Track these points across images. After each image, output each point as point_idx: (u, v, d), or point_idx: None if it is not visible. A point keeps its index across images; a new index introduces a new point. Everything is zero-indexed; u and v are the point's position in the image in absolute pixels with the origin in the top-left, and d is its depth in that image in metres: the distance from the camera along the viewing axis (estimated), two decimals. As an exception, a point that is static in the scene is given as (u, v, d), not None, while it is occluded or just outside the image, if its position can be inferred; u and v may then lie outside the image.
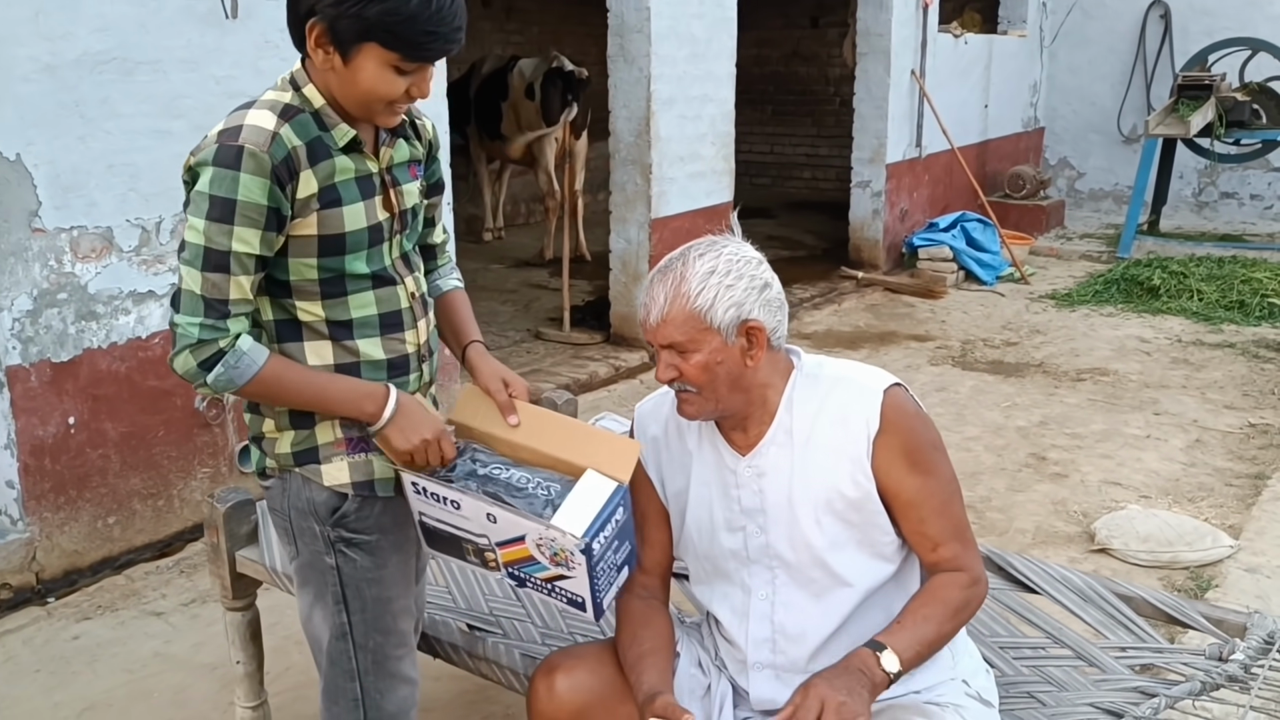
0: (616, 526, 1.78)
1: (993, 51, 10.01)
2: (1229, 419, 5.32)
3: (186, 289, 1.72)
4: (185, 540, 3.95)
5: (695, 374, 1.75)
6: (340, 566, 1.90)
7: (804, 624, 1.84)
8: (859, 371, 1.84)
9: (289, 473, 1.89)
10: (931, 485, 1.78)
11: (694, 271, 1.72)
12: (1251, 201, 10.70)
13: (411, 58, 1.70)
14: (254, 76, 3.92)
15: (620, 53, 5.98)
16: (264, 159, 1.67)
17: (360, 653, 1.94)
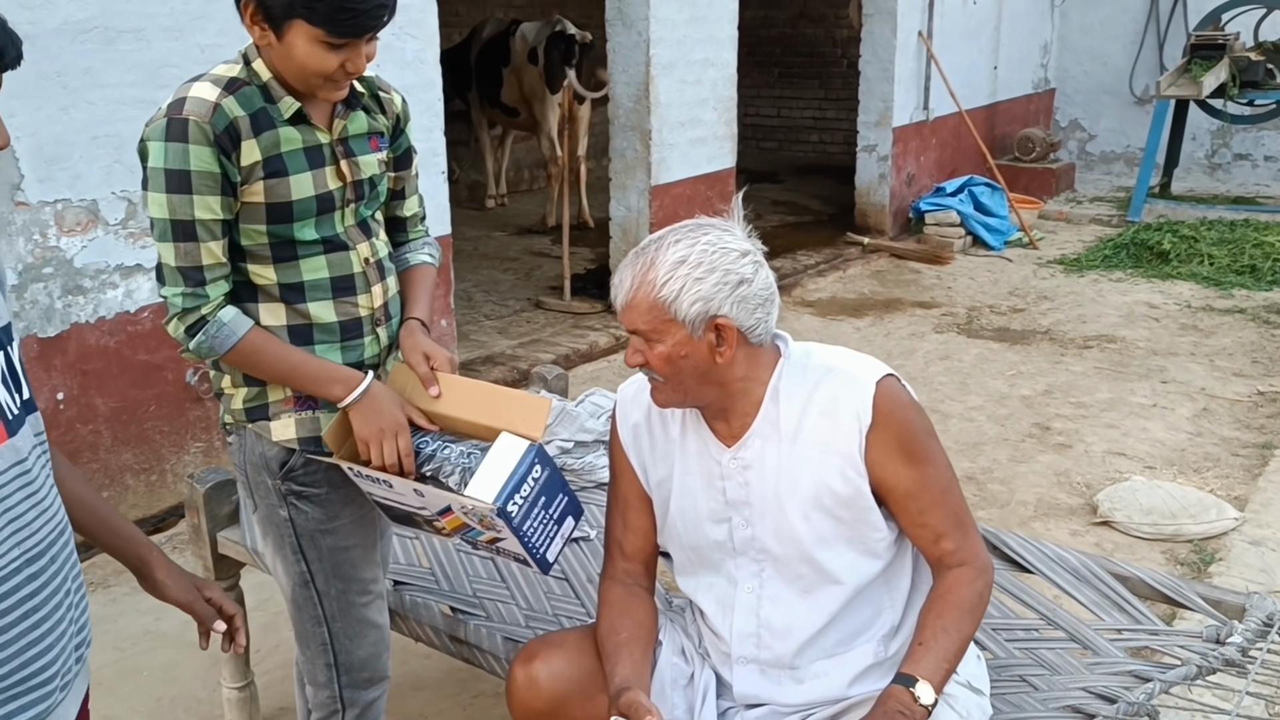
0: (536, 484, 1.81)
1: (1002, 12, 9.83)
2: (1237, 387, 5.25)
3: (165, 263, 1.79)
4: (178, 515, 3.91)
5: (659, 364, 1.69)
6: (293, 518, 1.97)
7: (790, 620, 1.80)
8: (849, 361, 1.77)
9: (243, 428, 1.96)
10: (930, 474, 1.73)
11: (664, 259, 1.65)
12: (1265, 163, 10.54)
13: (335, 34, 1.72)
14: (239, 43, 3.79)
15: (618, 16, 5.88)
16: (206, 129, 1.73)
17: (324, 599, 2.02)
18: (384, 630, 2.11)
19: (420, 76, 4.53)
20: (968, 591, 1.73)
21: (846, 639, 1.81)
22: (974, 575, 1.74)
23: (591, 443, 2.89)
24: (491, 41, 8.38)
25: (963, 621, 1.71)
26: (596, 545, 2.54)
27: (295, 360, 1.86)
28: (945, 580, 1.75)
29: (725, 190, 6.70)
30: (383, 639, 2.11)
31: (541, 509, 1.82)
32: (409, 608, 2.30)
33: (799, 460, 1.73)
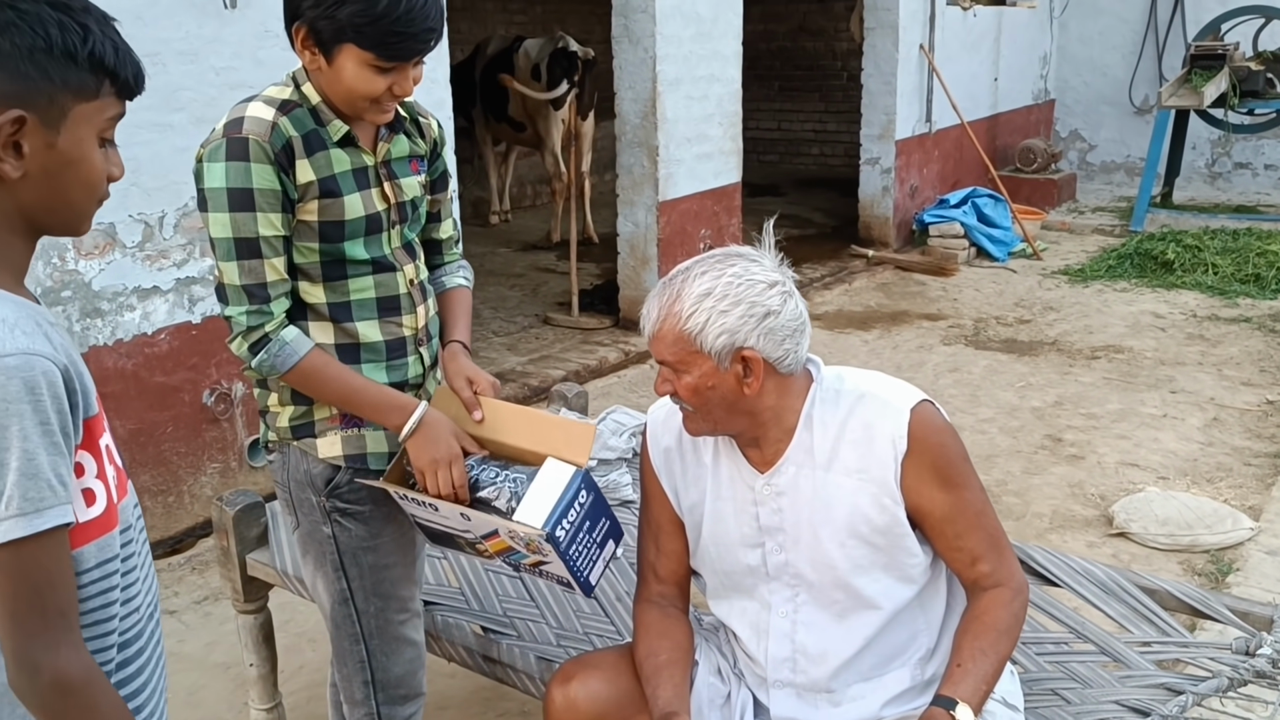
0: (582, 509, 1.83)
1: (1002, 23, 9.88)
2: (1246, 396, 5.26)
3: (228, 283, 1.81)
4: (196, 536, 3.93)
5: (687, 394, 1.70)
6: (336, 535, 1.98)
7: (826, 644, 1.80)
8: (883, 387, 1.77)
9: (288, 446, 1.97)
10: (965, 499, 1.73)
11: (690, 291, 1.65)
12: (1266, 171, 10.58)
13: (385, 57, 1.75)
14: (254, 67, 3.87)
15: (625, 33, 5.91)
16: (266, 147, 1.77)
17: (363, 617, 2.03)
18: (420, 648, 2.13)
19: (431, 96, 4.55)
20: (1004, 613, 1.73)
21: (882, 662, 1.82)
22: (1010, 596, 1.75)
23: (615, 460, 2.90)
24: (496, 58, 8.42)
25: (1000, 643, 1.71)
26: (624, 563, 2.55)
27: (355, 384, 1.89)
28: (981, 601, 1.76)
29: (731, 205, 6.72)
30: (419, 656, 2.13)
31: (586, 533, 1.84)
32: (440, 628, 2.30)
33: (834, 487, 1.73)
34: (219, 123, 1.82)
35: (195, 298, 3.84)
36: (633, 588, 2.42)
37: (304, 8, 1.75)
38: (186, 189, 3.75)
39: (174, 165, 3.70)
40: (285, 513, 2.06)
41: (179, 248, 3.77)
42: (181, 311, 3.81)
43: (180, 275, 3.79)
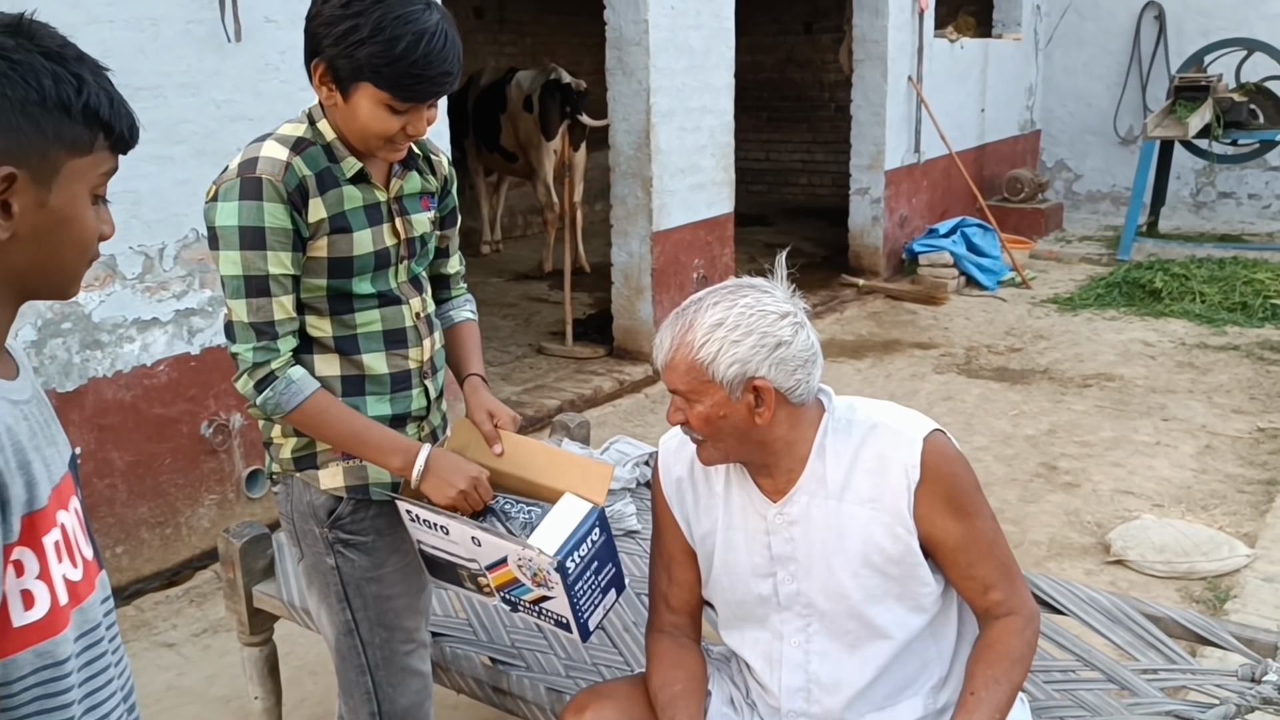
0: (593, 546, 1.84)
1: (988, 55, 10.01)
2: (1238, 423, 5.30)
3: (236, 320, 1.81)
4: (194, 568, 3.91)
5: (699, 424, 1.71)
6: (340, 567, 1.98)
7: (839, 674, 1.81)
8: (896, 417, 1.79)
9: (291, 477, 1.98)
10: (978, 527, 1.75)
11: (702, 321, 1.67)
12: (1249, 201, 10.70)
13: (400, 98, 1.77)
14: (254, 100, 3.90)
15: (619, 65, 5.96)
16: (280, 187, 1.78)
17: (368, 648, 2.02)
18: (427, 679, 2.12)
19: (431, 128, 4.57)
20: (1017, 641, 1.74)
21: (895, 691, 1.82)
22: (1022, 625, 1.76)
23: (619, 490, 2.91)
24: (489, 89, 8.48)
25: (1013, 671, 1.72)
26: (630, 593, 2.55)
27: (358, 426, 1.88)
28: (993, 630, 1.77)
29: (724, 235, 6.76)
30: (425, 688, 2.12)
31: (593, 573, 1.85)
32: (449, 659, 2.30)
33: (847, 517, 1.74)
34: (233, 161, 1.83)
35: (194, 329, 3.84)
36: (640, 618, 2.43)
37: (324, 45, 1.77)
38: (187, 221, 3.76)
39: (174, 198, 3.71)
40: (290, 544, 2.06)
41: (179, 279, 3.77)
42: (180, 343, 3.81)
43: (180, 307, 3.79)
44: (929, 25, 8.65)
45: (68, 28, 3.34)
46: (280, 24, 3.94)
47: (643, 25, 5.80)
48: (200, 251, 3.81)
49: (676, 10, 5.98)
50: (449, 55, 1.77)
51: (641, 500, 3.00)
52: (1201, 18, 10.42)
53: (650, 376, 6.18)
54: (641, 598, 2.55)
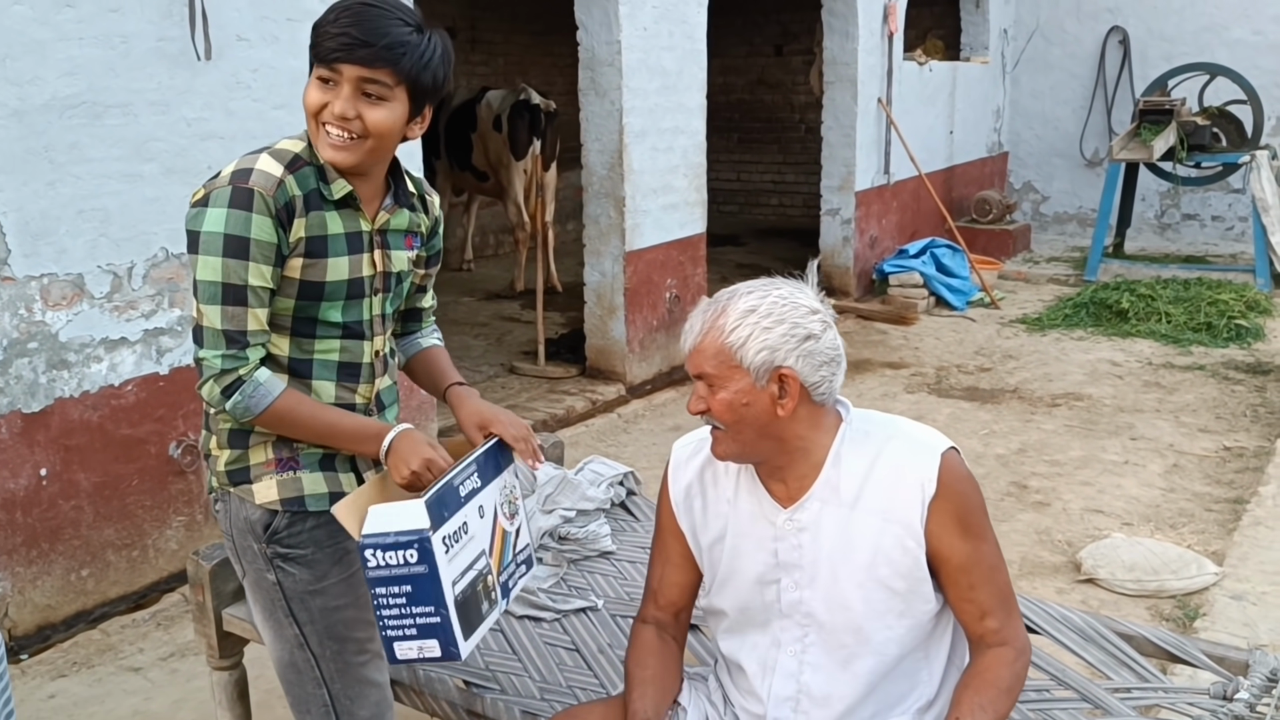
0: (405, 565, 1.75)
1: (956, 78, 10.11)
2: (1204, 443, 5.36)
3: (208, 325, 1.80)
4: (161, 591, 3.86)
5: (721, 410, 1.71)
6: (281, 581, 1.95)
7: (830, 688, 1.81)
8: (913, 429, 1.79)
9: (226, 492, 1.95)
10: (983, 550, 1.74)
11: (735, 307, 1.70)
12: (1213, 223, 10.85)
13: (313, 57, 1.80)
14: (225, 118, 3.87)
15: (591, 86, 5.98)
16: (270, 201, 1.78)
17: (321, 661, 1.99)
18: (385, 689, 2.09)
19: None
20: (1006, 672, 1.73)
21: (883, 709, 1.82)
22: (1013, 656, 1.75)
23: (593, 511, 2.90)
24: (461, 108, 8.48)
25: (1000, 701, 1.71)
26: (605, 615, 2.55)
27: (330, 418, 1.89)
28: (984, 658, 1.76)
29: (697, 255, 6.78)
30: (385, 699, 2.08)
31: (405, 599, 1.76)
32: (423, 682, 2.28)
33: (858, 527, 1.74)
34: (226, 168, 1.82)
35: (163, 349, 3.80)
36: (615, 641, 2.43)
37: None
38: (156, 240, 3.73)
39: (144, 216, 3.68)
40: (233, 561, 2.03)
41: (148, 298, 3.74)
42: (149, 363, 3.77)
43: (148, 326, 3.75)
44: (898, 48, 8.73)
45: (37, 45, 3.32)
46: (252, 42, 3.92)
47: (615, 46, 5.82)
48: (170, 271, 3.78)
49: (649, 32, 6.01)
50: (369, 21, 1.76)
51: (615, 520, 2.99)
52: (1165, 43, 10.59)
53: (623, 396, 6.18)
54: (616, 619, 2.55)
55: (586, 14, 5.88)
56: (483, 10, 10.43)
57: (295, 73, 4.08)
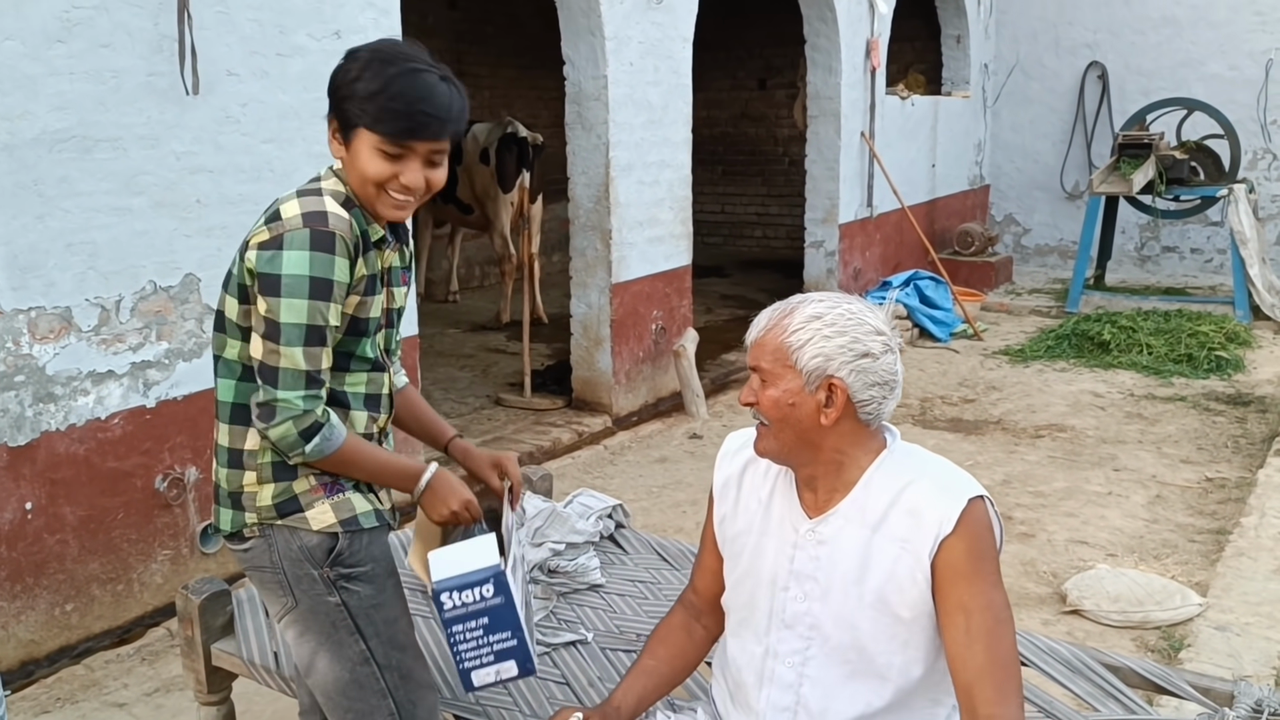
0: (482, 601, 1.89)
1: (938, 112, 10.23)
2: (1186, 473, 5.40)
3: (286, 366, 1.83)
4: (146, 625, 3.83)
5: (768, 406, 1.76)
6: (346, 601, 1.98)
7: (828, 703, 1.81)
8: (947, 472, 1.79)
9: (270, 527, 1.95)
10: (988, 596, 1.70)
11: (804, 311, 1.74)
12: (1192, 255, 10.97)
13: (384, 133, 1.83)
14: (215, 152, 3.89)
15: (578, 120, 6.03)
16: (348, 243, 1.85)
17: (386, 672, 2.02)
18: (436, 689, 2.16)
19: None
20: None
21: None
22: None
23: (582, 544, 2.90)
24: (445, 142, 8.50)
25: None
26: (595, 649, 2.55)
27: (383, 457, 1.98)
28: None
29: (682, 286, 6.81)
30: (437, 697, 2.16)
31: (481, 629, 1.90)
32: (412, 718, 2.27)
33: (876, 551, 1.75)
34: (284, 208, 1.85)
35: (150, 382, 3.80)
36: (605, 674, 2.44)
37: (333, 100, 1.87)
38: (144, 273, 3.74)
39: (132, 249, 3.68)
40: (276, 595, 2.01)
41: (135, 331, 3.74)
42: (136, 395, 3.77)
43: (136, 359, 3.75)
44: (880, 83, 8.83)
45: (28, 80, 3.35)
46: (241, 77, 3.95)
47: (602, 81, 5.88)
48: (158, 304, 3.78)
49: (635, 67, 6.07)
50: (436, 97, 1.83)
51: (605, 553, 3.00)
52: (1142, 78, 10.74)
53: (609, 428, 6.19)
54: (606, 652, 2.55)
55: (574, 49, 5.94)
56: (469, 44, 10.52)
57: (284, 107, 4.11)
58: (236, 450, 1.95)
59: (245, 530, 1.99)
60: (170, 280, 3.82)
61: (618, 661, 2.49)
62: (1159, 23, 10.67)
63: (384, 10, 4.49)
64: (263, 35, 4.01)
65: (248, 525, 1.98)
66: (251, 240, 1.85)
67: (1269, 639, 3.59)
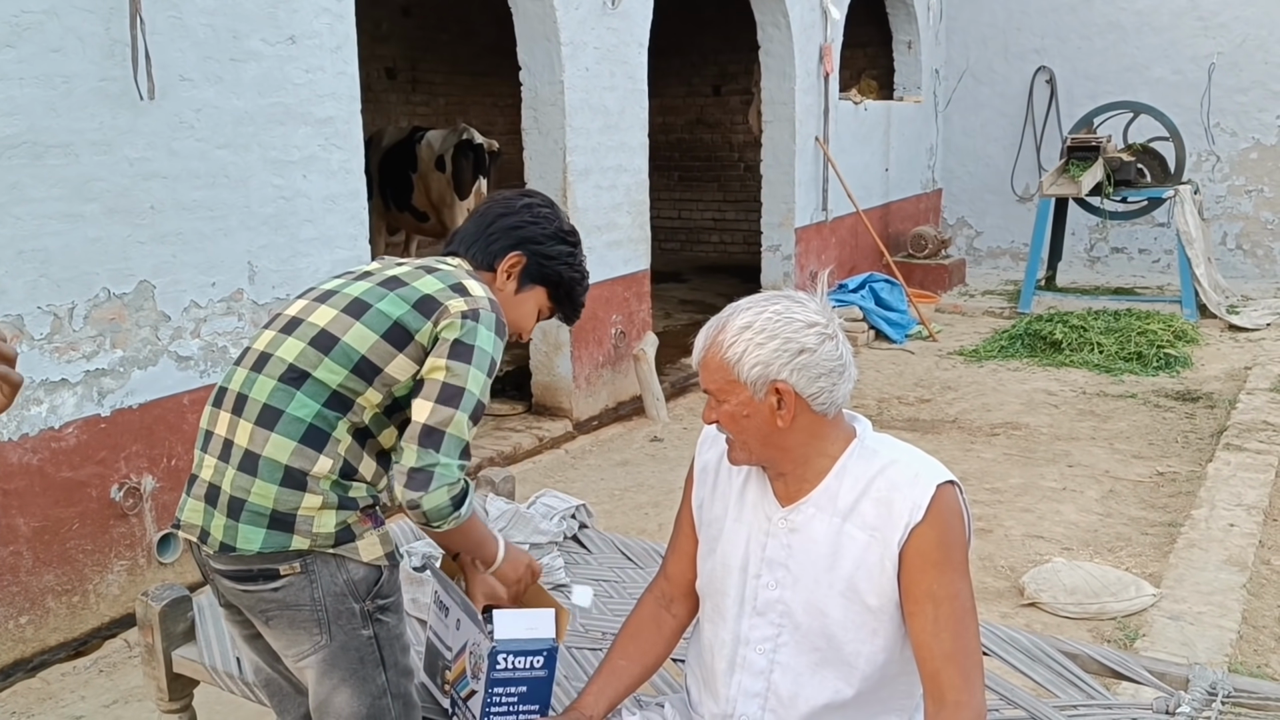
0: (530, 670, 1.95)
1: (891, 117, 10.34)
2: (1138, 469, 5.50)
3: (455, 433, 1.87)
4: (103, 637, 3.78)
5: (727, 421, 1.79)
6: (377, 634, 1.96)
7: (798, 689, 1.83)
8: (917, 459, 1.81)
9: (315, 559, 1.87)
10: (955, 587, 1.73)
11: (734, 324, 1.76)
12: (1140, 255, 11.17)
13: (565, 316, 2.23)
14: (168, 158, 3.86)
15: (535, 125, 6.03)
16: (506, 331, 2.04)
17: (395, 701, 2.01)
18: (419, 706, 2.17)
19: (346, 186, 4.58)
20: None
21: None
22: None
23: (545, 545, 2.90)
24: (395, 148, 8.46)
25: None
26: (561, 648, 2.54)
27: (485, 527, 2.10)
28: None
29: (641, 291, 6.83)
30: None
31: (518, 698, 1.95)
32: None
33: (846, 538, 1.77)
34: (470, 286, 1.96)
35: (105, 390, 3.75)
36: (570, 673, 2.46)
37: (531, 247, 2.10)
38: (98, 280, 3.69)
39: (85, 256, 3.64)
40: (306, 634, 1.91)
41: (89, 339, 3.69)
42: (90, 404, 3.72)
43: (90, 367, 3.70)
44: (834, 88, 8.92)
45: (-18, 84, 3.23)
46: (195, 82, 3.92)
47: (558, 86, 5.89)
48: (111, 311, 3.74)
49: (591, 72, 6.09)
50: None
51: (568, 554, 3.00)
52: (1089, 82, 10.93)
53: (569, 433, 6.19)
54: (571, 651, 2.55)
55: (529, 55, 5.95)
56: (423, 51, 10.49)
57: (239, 112, 4.08)
58: (299, 471, 1.85)
59: (281, 569, 1.87)
60: (124, 287, 3.77)
61: (584, 660, 2.49)
62: (1104, 28, 10.87)
63: (339, 16, 4.47)
64: (216, 40, 3.98)
65: (290, 550, 1.86)
66: (451, 306, 1.91)
67: (1221, 627, 3.66)
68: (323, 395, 1.87)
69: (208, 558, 1.93)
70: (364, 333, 1.89)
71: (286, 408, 1.87)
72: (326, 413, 1.87)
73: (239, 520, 1.85)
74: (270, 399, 1.88)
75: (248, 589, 1.89)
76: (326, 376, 1.87)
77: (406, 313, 1.90)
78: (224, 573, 1.91)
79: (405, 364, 1.90)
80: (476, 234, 2.12)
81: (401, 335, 1.89)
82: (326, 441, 1.86)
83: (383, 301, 1.92)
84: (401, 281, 1.96)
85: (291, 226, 4.34)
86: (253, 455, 1.86)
